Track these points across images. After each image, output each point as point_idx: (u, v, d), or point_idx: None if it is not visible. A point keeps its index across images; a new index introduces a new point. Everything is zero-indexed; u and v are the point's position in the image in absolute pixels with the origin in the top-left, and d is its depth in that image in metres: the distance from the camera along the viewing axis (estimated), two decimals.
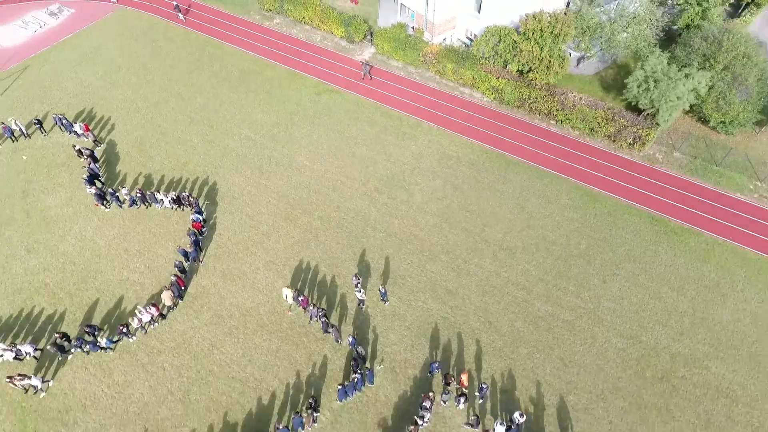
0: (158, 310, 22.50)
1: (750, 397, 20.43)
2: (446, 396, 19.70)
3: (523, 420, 18.95)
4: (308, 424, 19.27)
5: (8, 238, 26.33)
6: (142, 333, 22.50)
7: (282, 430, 18.69)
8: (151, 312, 22.20)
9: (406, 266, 24.78)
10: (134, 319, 22.09)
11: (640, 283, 24.00)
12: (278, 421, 19.84)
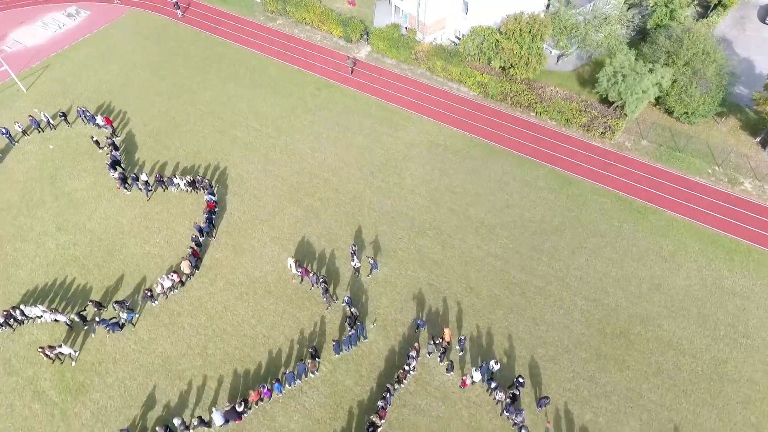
0: (179, 277, 25.45)
1: (695, 350, 23.40)
2: (431, 347, 22.62)
3: (498, 367, 21.90)
4: (310, 371, 22.24)
5: (40, 217, 29.31)
6: (164, 298, 25.45)
7: (288, 374, 21.73)
8: (172, 278, 25.16)
9: (397, 240, 27.76)
10: (157, 285, 25.07)
11: (605, 254, 26.99)
12: (285, 368, 22.79)
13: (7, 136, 32.89)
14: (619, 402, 21.88)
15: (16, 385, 22.76)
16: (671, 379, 22.54)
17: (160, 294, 25.29)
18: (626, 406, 21.76)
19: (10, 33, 43.12)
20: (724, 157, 31.23)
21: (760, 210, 28.90)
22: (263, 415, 21.64)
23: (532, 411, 21.46)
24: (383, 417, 20.82)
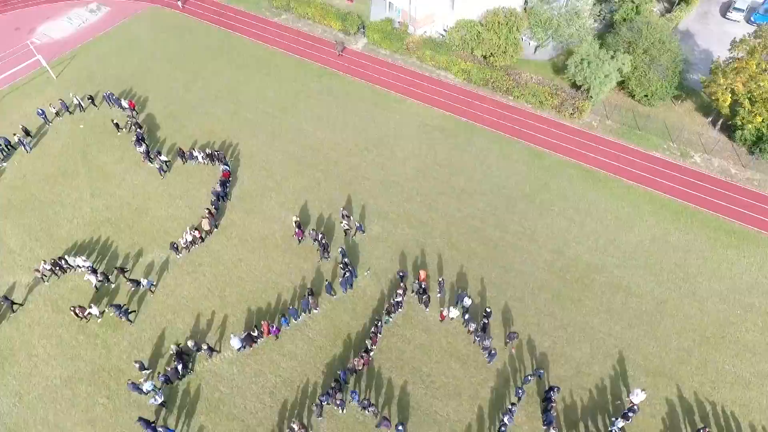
0: (200, 233, 29.51)
1: (641, 292, 27.44)
2: (415, 285, 26.64)
3: (470, 303, 25.95)
4: (312, 307, 26.29)
5: (76, 186, 33.38)
6: (186, 252, 29.48)
7: (292, 309, 25.79)
8: (193, 234, 29.22)
9: (388, 205, 31.83)
10: (182, 240, 29.14)
11: (569, 215, 31.07)
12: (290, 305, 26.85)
13: (43, 117, 36.95)
14: (574, 332, 25.93)
15: (63, 321, 26.75)
16: (618, 314, 26.59)
17: (183, 248, 29.32)
18: (579, 336, 25.81)
19: (38, 27, 47.25)
20: (677, 134, 35.31)
21: (706, 179, 33.00)
22: (273, 343, 25.67)
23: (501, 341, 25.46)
24: (375, 342, 24.87)
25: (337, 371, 23.98)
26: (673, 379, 24.29)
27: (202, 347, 24.46)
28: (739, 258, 28.86)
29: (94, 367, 25.12)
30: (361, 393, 23.65)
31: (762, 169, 33.41)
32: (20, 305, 27.26)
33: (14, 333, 26.45)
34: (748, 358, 24.90)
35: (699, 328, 25.99)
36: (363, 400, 22.68)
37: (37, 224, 31.26)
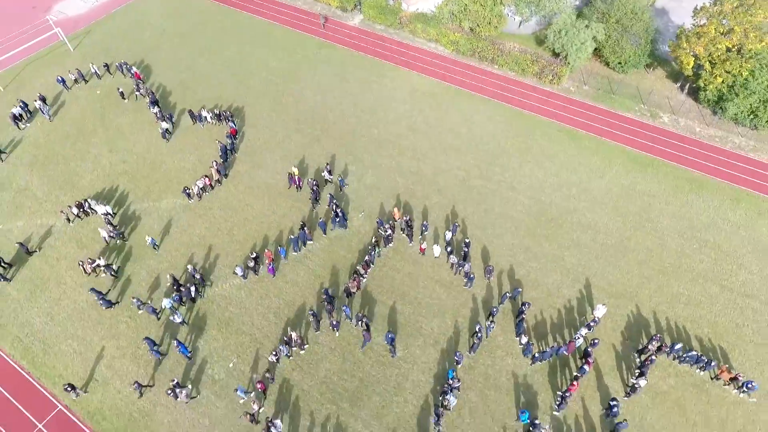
0: (210, 181, 32.47)
1: (608, 230, 30.44)
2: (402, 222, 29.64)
3: (450, 236, 28.88)
4: (308, 237, 29.25)
5: (95, 143, 36.35)
6: (198, 198, 32.44)
7: (293, 239, 28.75)
8: (204, 181, 32.20)
9: (381, 158, 34.84)
10: (194, 187, 32.12)
11: (546, 167, 34.09)
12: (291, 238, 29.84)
13: (63, 84, 39.92)
14: (546, 263, 28.92)
15: (86, 256, 29.69)
16: (587, 248, 29.61)
17: (195, 195, 32.29)
18: (551, 266, 28.80)
19: (54, 6, 50.25)
20: (648, 98, 38.35)
21: (673, 136, 36.03)
22: (277, 272, 28.65)
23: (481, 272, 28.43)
24: (366, 270, 27.86)
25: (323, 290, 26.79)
26: (633, 300, 27.30)
27: (196, 275, 27.26)
28: (699, 202, 31.90)
29: (117, 292, 28.09)
30: (354, 312, 26.61)
31: (723, 127, 36.45)
32: (35, 251, 29.79)
33: (44, 266, 29.40)
34: (700, 283, 27.92)
35: (659, 260, 29.01)
36: (357, 314, 25.68)
37: (60, 176, 34.23)
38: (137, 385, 23.18)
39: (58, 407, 23.99)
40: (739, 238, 30.00)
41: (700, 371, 24.33)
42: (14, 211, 32.12)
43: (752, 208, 31.62)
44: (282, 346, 24.57)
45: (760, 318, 26.50)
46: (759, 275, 28.25)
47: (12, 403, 24.17)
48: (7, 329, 26.75)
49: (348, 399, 23.97)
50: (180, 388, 23.01)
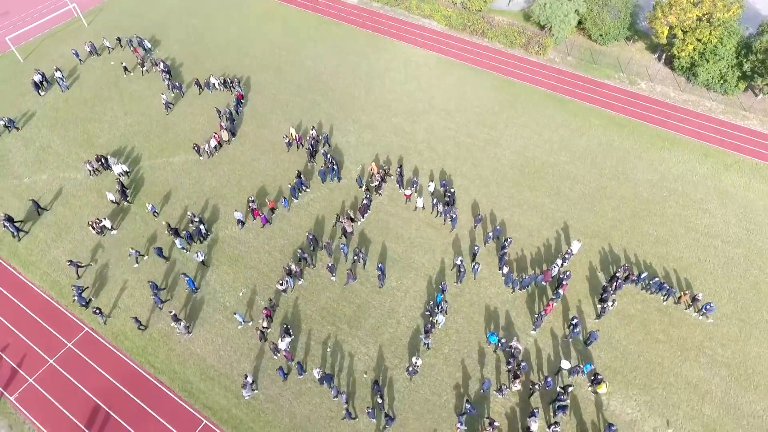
0: (218, 139, 35.08)
1: (586, 180, 33.12)
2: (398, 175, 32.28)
3: (432, 187, 31.41)
4: (305, 185, 31.87)
5: (110, 107, 38.94)
6: (207, 156, 35.04)
7: (291, 187, 31.34)
8: (215, 139, 34.82)
9: (377, 120, 37.49)
10: (205, 145, 34.71)
11: (530, 126, 36.77)
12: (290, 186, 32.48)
13: (76, 56, 42.51)
14: (528, 209, 31.58)
15: (104, 204, 32.23)
16: (566, 196, 32.28)
17: (204, 152, 34.88)
18: (532, 211, 31.45)
19: None
20: (627, 67, 41.06)
21: (649, 100, 38.76)
22: (282, 217, 31.28)
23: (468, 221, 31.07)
24: (363, 212, 30.50)
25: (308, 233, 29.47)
26: (607, 239, 29.97)
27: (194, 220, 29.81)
28: (670, 157, 34.61)
29: (135, 235, 30.68)
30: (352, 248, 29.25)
31: (696, 92, 39.19)
32: (45, 210, 31.82)
33: (68, 212, 31.96)
34: (668, 225, 30.60)
35: (631, 206, 31.70)
36: (354, 249, 28.32)
37: (79, 135, 36.83)
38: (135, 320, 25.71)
39: (85, 329, 26.59)
40: (706, 188, 32.70)
41: (663, 299, 26.96)
42: (38, 166, 34.71)
43: (719, 162, 34.33)
44: (287, 277, 27.21)
45: (720, 254, 29.19)
46: (722, 219, 30.95)
47: (44, 326, 26.74)
48: (37, 266, 29.32)
49: (346, 321, 26.61)
50: (177, 321, 25.35)
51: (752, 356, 25.12)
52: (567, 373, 24.03)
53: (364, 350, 25.48)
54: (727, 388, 24.05)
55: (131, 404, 23.89)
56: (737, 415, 23.25)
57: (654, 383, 24.22)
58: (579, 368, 23.63)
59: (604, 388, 23.28)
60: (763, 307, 26.93)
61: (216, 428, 23.12)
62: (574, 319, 24.97)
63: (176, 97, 39.25)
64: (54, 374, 24.83)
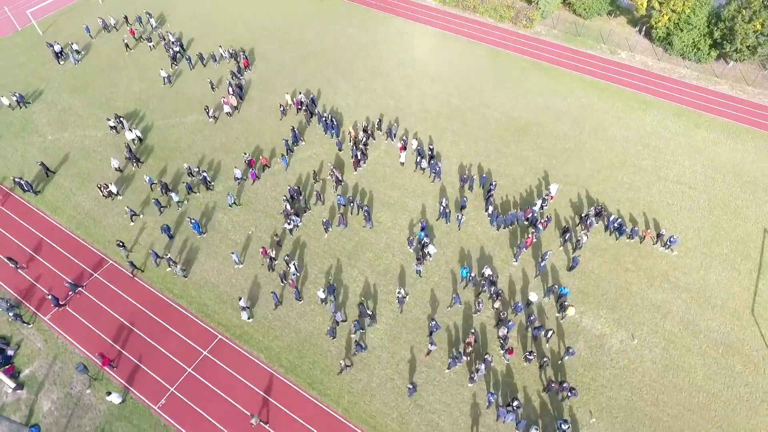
0: (227, 101, 37.80)
1: (567, 138, 35.90)
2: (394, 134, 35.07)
3: (417, 144, 34.06)
4: (300, 139, 34.66)
5: (125, 75, 41.70)
6: (214, 121, 37.72)
7: (286, 141, 34.08)
8: (225, 102, 37.55)
9: (375, 84, 40.28)
10: (216, 110, 37.42)
11: (516, 91, 39.59)
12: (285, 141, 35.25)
13: (87, 32, 45.16)
14: (513, 161, 34.35)
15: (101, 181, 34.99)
16: (548, 151, 35.07)
17: (212, 117, 37.53)
18: (517, 163, 34.24)
19: None
20: (609, 38, 43.90)
21: (629, 68, 41.61)
22: (291, 167, 34.04)
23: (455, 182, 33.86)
24: (356, 166, 33.21)
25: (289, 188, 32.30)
26: (584, 186, 32.76)
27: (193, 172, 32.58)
28: (645, 117, 37.44)
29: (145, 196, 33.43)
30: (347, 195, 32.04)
31: (672, 61, 42.04)
32: (53, 173, 34.14)
33: (90, 164, 34.65)
34: (641, 175, 33.41)
35: (607, 158, 34.51)
36: (348, 197, 31.10)
37: (97, 99, 39.59)
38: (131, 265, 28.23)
39: (110, 262, 29.35)
40: (677, 143, 35.53)
41: (628, 238, 29.56)
42: (61, 125, 37.46)
43: (691, 121, 37.17)
44: (294, 216, 29.99)
45: (688, 198, 32.00)
46: (690, 169, 33.77)
47: (71, 259, 29.50)
48: (63, 209, 32.08)
49: (347, 255, 29.39)
50: (174, 264, 27.95)
51: (711, 283, 27.92)
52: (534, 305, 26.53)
53: (362, 278, 28.26)
54: (687, 309, 26.85)
55: (153, 323, 26.66)
56: (695, 330, 26.05)
57: (622, 305, 27.01)
58: (554, 288, 26.39)
59: (572, 311, 25.89)
60: (723, 243, 29.73)
61: (229, 342, 25.90)
62: (546, 254, 27.63)
63: (178, 71, 41.76)
64: (83, 299, 27.59)
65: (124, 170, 34.08)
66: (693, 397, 23.83)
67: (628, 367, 24.77)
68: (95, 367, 24.97)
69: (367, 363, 25.00)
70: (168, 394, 24.13)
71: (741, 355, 25.16)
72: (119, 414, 23.58)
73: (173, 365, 25.09)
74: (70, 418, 23.57)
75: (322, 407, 23.62)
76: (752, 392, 23.99)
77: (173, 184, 33.08)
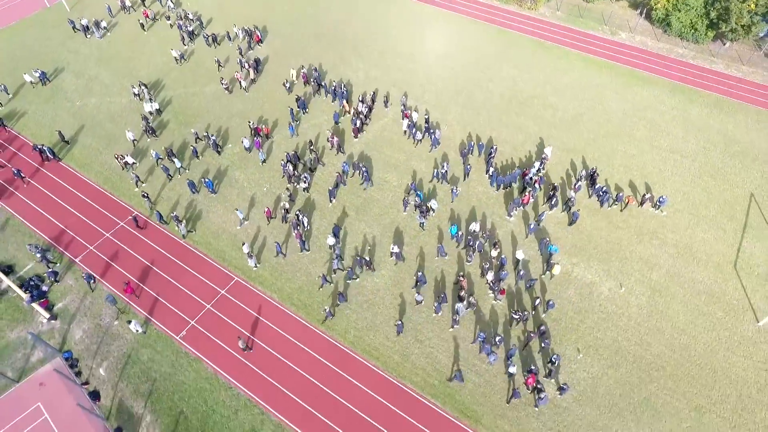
0: (240, 76, 39.90)
1: (564, 108, 37.66)
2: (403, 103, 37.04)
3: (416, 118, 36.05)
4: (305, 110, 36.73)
5: (147, 48, 43.96)
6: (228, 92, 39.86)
7: (291, 110, 36.15)
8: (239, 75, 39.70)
9: (383, 59, 42.29)
10: (225, 83, 39.62)
11: (519, 67, 41.39)
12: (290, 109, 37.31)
13: (108, 12, 47.50)
14: (513, 130, 36.17)
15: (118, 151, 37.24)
16: (548, 120, 36.84)
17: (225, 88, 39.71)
18: (517, 132, 36.04)
19: None
20: (610, 20, 45.57)
21: (628, 47, 43.26)
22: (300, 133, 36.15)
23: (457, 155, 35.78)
24: (356, 134, 35.14)
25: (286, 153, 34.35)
26: (581, 153, 34.53)
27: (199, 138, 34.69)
28: (642, 92, 39.11)
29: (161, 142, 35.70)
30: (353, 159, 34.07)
31: (671, 42, 43.62)
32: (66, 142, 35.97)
33: (115, 129, 37.01)
34: (635, 144, 35.11)
35: (604, 129, 36.25)
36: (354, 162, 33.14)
37: (122, 69, 41.95)
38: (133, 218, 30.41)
39: (134, 212, 31.58)
40: (671, 116, 37.18)
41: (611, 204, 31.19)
42: (88, 92, 39.86)
43: (686, 97, 38.79)
44: (305, 173, 32.08)
45: (679, 165, 33.67)
46: (683, 139, 35.43)
47: (99, 210, 31.77)
48: (91, 166, 34.40)
49: (355, 210, 31.42)
50: (179, 222, 29.81)
51: (697, 240, 29.63)
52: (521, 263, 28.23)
53: (369, 231, 30.27)
54: (674, 262, 28.59)
55: (173, 265, 28.86)
56: (680, 281, 27.78)
57: (612, 258, 28.81)
58: (546, 241, 28.21)
59: (558, 269, 27.37)
60: (711, 205, 31.40)
61: (245, 283, 28.03)
62: (542, 214, 29.41)
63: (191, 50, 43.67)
64: (110, 243, 29.87)
65: (139, 141, 36.06)
66: (675, 338, 25.59)
67: (615, 312, 26.57)
68: (122, 301, 27.22)
69: (372, 303, 27.03)
70: (188, 327, 26.31)
71: (722, 304, 26.87)
72: (144, 342, 25.80)
73: (193, 302, 27.26)
74: (100, 345, 25.82)
75: (330, 341, 25.66)
76: (731, 336, 25.70)
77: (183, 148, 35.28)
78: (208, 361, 24.97)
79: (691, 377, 24.29)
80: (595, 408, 23.37)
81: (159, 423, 23.26)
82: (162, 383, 24.42)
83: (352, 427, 22.86)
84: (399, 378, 24.31)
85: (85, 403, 23.92)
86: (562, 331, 25.81)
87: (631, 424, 22.90)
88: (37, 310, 26.86)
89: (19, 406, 23.99)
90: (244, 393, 23.95)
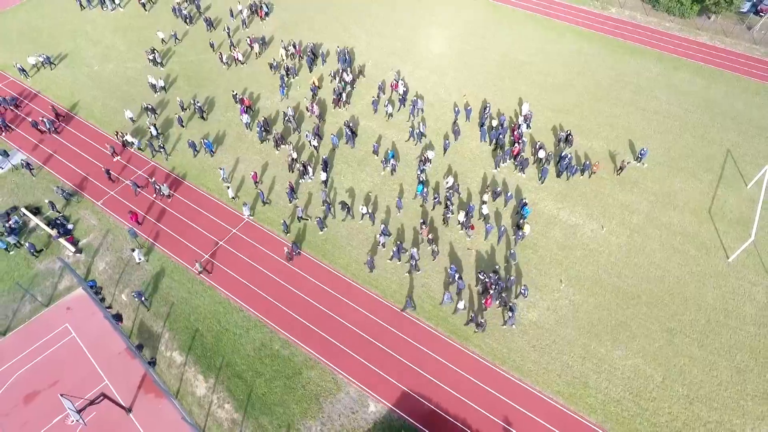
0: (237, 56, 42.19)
1: (555, 74, 39.85)
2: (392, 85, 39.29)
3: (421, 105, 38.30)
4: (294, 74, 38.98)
5: (160, 22, 46.34)
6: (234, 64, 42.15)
7: (282, 77, 38.39)
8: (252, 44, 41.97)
9: (385, 30, 44.54)
10: (228, 57, 41.91)
11: (513, 37, 43.63)
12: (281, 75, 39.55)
13: None
14: (506, 92, 38.38)
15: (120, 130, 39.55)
16: (539, 85, 39.03)
17: (225, 62, 42.00)
18: (509, 94, 38.23)
19: None
20: None
21: (618, 21, 45.55)
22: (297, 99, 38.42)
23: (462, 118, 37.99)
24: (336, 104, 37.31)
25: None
26: (569, 114, 36.70)
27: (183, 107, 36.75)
28: (630, 60, 41.31)
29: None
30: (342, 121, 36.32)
31: (659, 16, 45.85)
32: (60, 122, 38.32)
33: (131, 89, 39.31)
34: (621, 106, 37.29)
35: (592, 93, 38.44)
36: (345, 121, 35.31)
37: (136, 38, 44.27)
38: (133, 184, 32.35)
39: (151, 163, 33.83)
40: (656, 82, 39.36)
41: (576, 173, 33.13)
42: (106, 59, 42.19)
43: (670, 65, 40.96)
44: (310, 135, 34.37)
45: (662, 125, 35.85)
46: (667, 102, 37.61)
47: (119, 161, 34.09)
48: (110, 123, 36.68)
49: (355, 163, 33.67)
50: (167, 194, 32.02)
51: (675, 189, 31.81)
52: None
53: (369, 180, 32.53)
54: (652, 207, 30.78)
55: (187, 207, 31.13)
56: (657, 224, 29.97)
57: (595, 203, 31.00)
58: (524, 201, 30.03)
59: (528, 229, 28.66)
60: (690, 159, 33.59)
61: (255, 224, 30.29)
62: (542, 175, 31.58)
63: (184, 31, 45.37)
64: (127, 188, 32.17)
65: (137, 120, 37.23)
66: (650, 272, 27.79)
67: (597, 250, 28.78)
68: (143, 238, 29.54)
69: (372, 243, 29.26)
70: (203, 259, 28.58)
71: (695, 243, 29.06)
72: (162, 272, 28.09)
73: (207, 239, 29.54)
74: (122, 275, 28.12)
75: (335, 273, 27.88)
76: (703, 270, 27.88)
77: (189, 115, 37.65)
78: (221, 288, 27.24)
79: (664, 304, 26.47)
80: (576, 329, 25.57)
81: (177, 339, 25.54)
82: (179, 306, 26.70)
83: (350, 342, 25.10)
84: (396, 304, 26.53)
85: (108, 323, 26.22)
86: (547, 266, 28.00)
87: (608, 343, 25.09)
88: (63, 244, 29.17)
89: (48, 326, 26.28)
90: (254, 315, 26.21)
